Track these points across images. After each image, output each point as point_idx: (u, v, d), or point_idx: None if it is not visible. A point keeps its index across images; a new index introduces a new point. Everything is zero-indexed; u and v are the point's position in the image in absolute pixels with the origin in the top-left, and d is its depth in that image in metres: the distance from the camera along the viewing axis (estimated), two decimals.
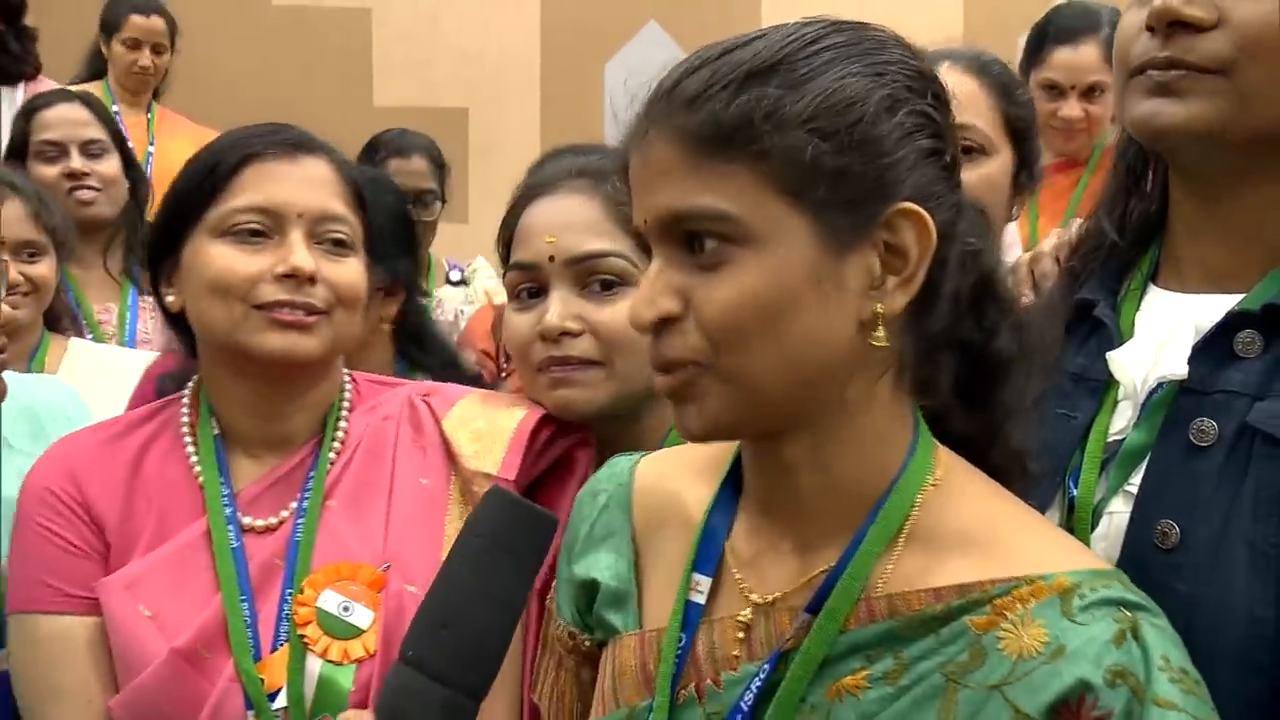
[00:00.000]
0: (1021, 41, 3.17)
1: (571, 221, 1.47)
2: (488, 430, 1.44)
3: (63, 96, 3.15)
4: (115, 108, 3.87)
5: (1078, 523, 1.14)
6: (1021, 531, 0.98)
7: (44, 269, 2.36)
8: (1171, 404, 1.12)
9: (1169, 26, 1.10)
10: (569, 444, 1.49)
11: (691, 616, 1.04)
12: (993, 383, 1.03)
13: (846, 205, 0.93)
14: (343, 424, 1.47)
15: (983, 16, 4.95)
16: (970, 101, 1.76)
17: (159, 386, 1.73)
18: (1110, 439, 1.16)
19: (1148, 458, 1.12)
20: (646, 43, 5.14)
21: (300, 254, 1.38)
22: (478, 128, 5.14)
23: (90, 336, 2.70)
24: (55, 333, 2.43)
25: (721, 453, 1.10)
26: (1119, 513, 1.13)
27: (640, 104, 0.98)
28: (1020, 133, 1.88)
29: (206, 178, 1.42)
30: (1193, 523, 1.08)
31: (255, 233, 1.40)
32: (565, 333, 1.45)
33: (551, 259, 1.47)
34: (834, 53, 0.95)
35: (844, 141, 0.92)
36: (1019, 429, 1.04)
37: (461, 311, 3.33)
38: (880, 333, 0.94)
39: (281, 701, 1.32)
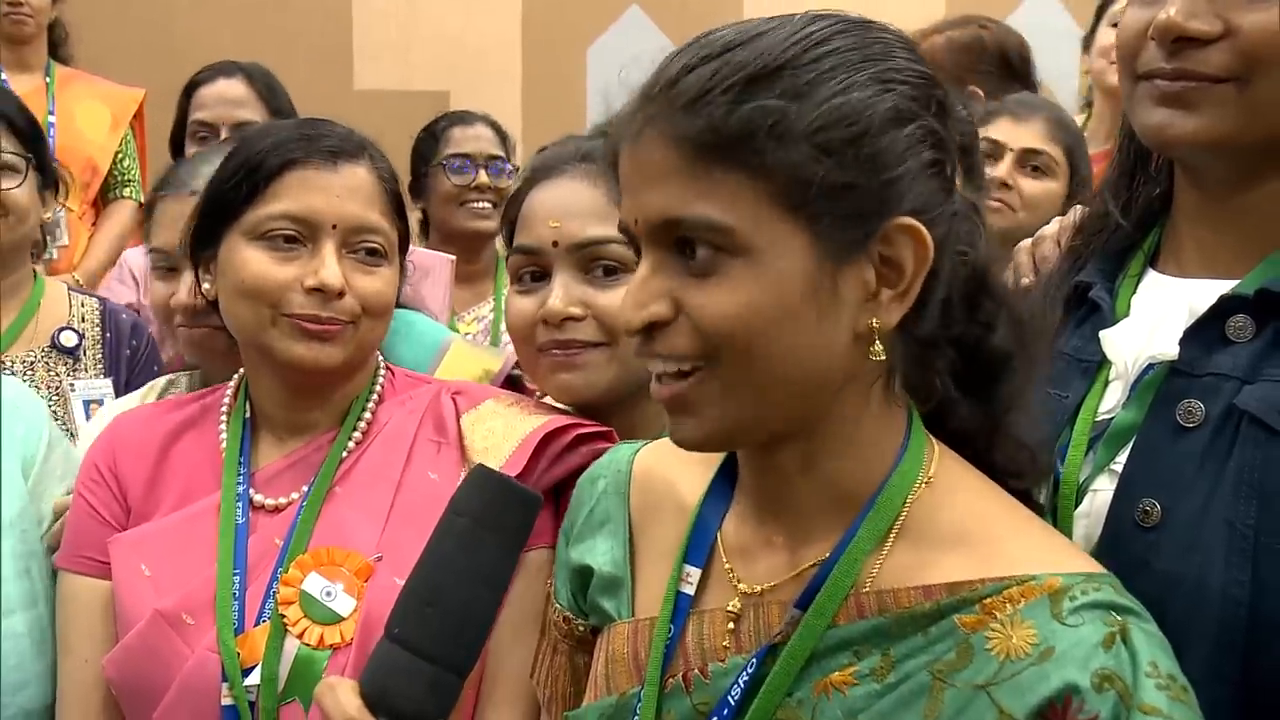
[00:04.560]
0: None
1: (575, 207, 1.48)
2: (503, 430, 1.44)
3: (222, 70, 2.97)
4: (2, 75, 3.49)
5: (1062, 500, 1.16)
6: (1013, 531, 0.98)
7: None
8: (1161, 385, 1.14)
9: (1173, 42, 1.10)
10: (593, 450, 1.46)
11: (681, 606, 1.04)
12: (993, 377, 1.02)
13: (846, 219, 0.92)
14: (367, 414, 1.48)
15: (965, 5, 4.95)
16: None
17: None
18: (1099, 418, 1.18)
19: (1134, 437, 1.14)
20: (629, 28, 5.13)
21: (330, 269, 1.40)
22: None
23: None
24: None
25: None
26: (1103, 490, 1.15)
27: (635, 97, 0.96)
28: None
29: (247, 178, 1.43)
30: (1175, 502, 1.10)
31: (289, 239, 1.41)
32: (569, 318, 1.46)
33: (555, 244, 1.47)
34: (839, 58, 0.93)
35: (847, 156, 0.91)
36: (1022, 422, 1.04)
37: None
38: (878, 346, 0.94)
39: (255, 678, 1.33)
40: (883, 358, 0.95)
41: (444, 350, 1.92)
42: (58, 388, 2.20)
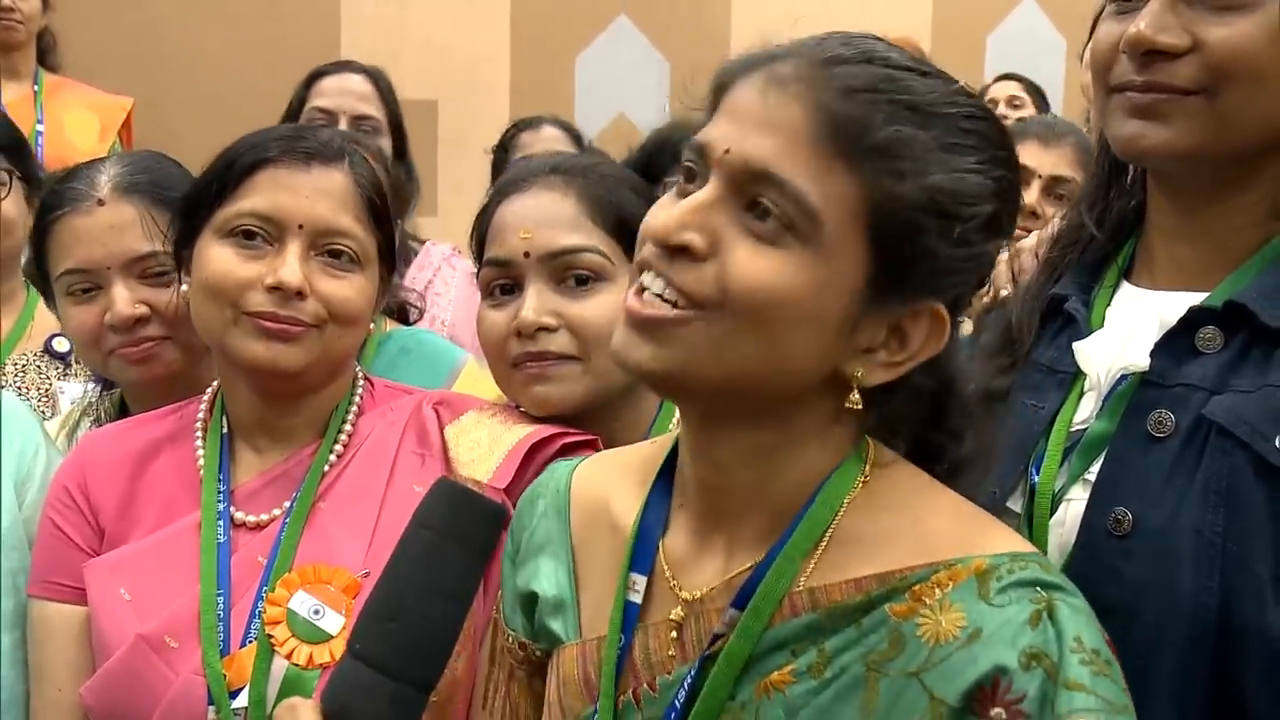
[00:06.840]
0: (990, 41, 3.21)
1: (546, 217, 1.47)
2: (488, 441, 1.43)
3: (347, 66, 3.00)
4: None
5: (1037, 509, 1.17)
6: (941, 516, 0.98)
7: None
8: (1133, 395, 1.16)
9: (1144, 55, 1.13)
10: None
11: (630, 616, 1.04)
12: (952, 478, 1.04)
13: (905, 275, 0.93)
14: (348, 425, 1.46)
15: (951, 17, 4.98)
16: None
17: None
18: (1074, 429, 1.19)
19: (1107, 447, 1.15)
20: (617, 38, 5.14)
21: (290, 268, 1.37)
22: (446, 121, 5.12)
23: None
24: None
25: (656, 453, 1.11)
26: (1077, 500, 1.16)
27: (789, 46, 0.95)
28: None
29: (219, 176, 1.42)
30: (1145, 510, 1.11)
31: (256, 237, 1.39)
32: (542, 328, 1.45)
33: (527, 255, 1.46)
34: (981, 140, 0.95)
35: (945, 228, 0.92)
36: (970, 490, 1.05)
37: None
38: (855, 396, 0.96)
39: (243, 700, 1.32)
40: (858, 407, 0.96)
41: (457, 372, 1.88)
42: (47, 390, 2.20)
